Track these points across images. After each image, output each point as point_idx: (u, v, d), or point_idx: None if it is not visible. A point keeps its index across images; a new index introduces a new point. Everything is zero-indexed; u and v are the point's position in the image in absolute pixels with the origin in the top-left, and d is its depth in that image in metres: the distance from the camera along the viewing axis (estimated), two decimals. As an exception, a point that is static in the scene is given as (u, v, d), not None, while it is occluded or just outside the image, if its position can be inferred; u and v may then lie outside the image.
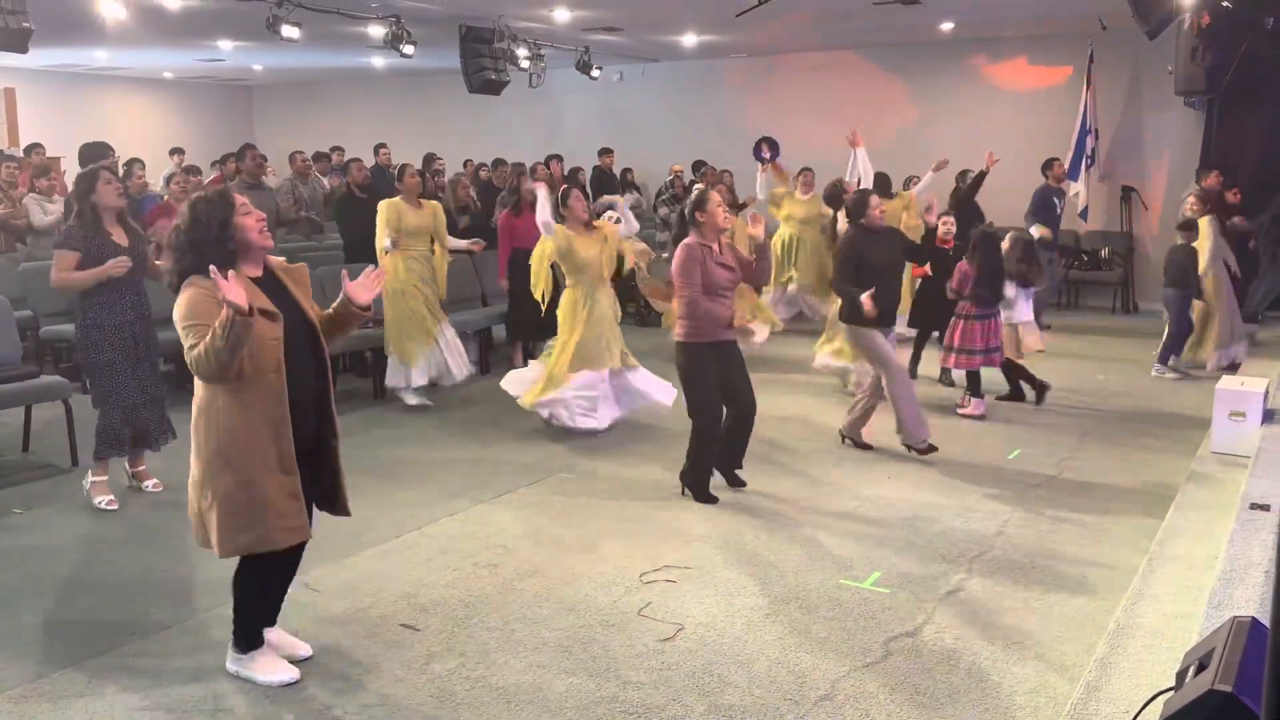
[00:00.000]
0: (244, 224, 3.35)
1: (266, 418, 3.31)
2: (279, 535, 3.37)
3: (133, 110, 17.88)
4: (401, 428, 7.04)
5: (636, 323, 10.82)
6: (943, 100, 13.44)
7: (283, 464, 3.35)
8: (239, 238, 3.34)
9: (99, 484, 5.43)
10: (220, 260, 3.27)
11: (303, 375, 3.42)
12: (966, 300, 7.13)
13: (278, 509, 3.34)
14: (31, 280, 7.83)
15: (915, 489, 5.69)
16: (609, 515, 5.28)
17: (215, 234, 3.29)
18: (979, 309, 7.13)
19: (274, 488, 3.33)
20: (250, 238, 3.37)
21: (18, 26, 7.20)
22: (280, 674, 3.55)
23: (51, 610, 4.21)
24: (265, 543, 3.37)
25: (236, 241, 3.34)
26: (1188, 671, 2.50)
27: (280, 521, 3.35)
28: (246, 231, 3.36)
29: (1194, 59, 9.22)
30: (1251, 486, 4.83)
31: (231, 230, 3.32)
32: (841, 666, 3.69)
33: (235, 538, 3.35)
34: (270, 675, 3.54)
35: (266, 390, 3.31)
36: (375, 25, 10.56)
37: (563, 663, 3.71)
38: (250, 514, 3.32)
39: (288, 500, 3.37)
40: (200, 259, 3.27)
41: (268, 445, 3.32)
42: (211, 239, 3.29)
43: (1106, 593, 4.29)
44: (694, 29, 12.06)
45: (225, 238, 3.31)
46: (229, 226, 3.32)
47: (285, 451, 3.34)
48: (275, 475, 3.33)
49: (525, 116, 15.74)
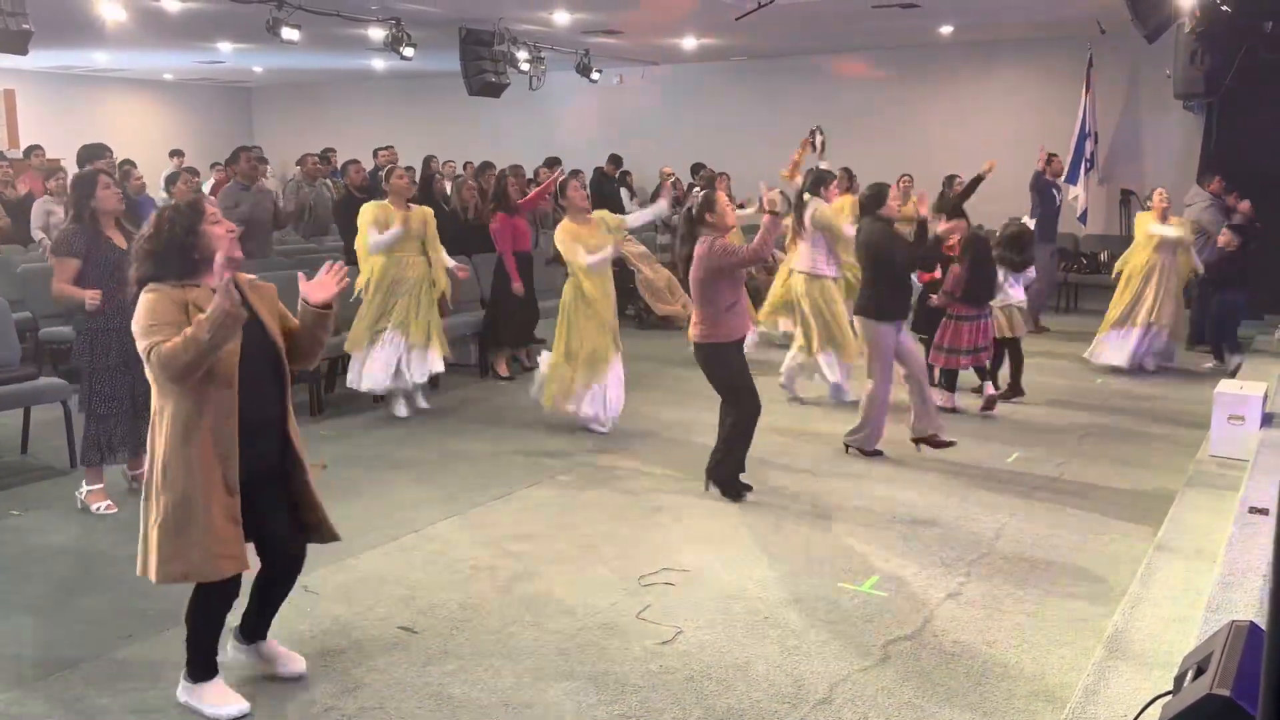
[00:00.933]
0: (212, 233, 3.28)
1: (214, 432, 3.18)
2: (219, 564, 3.20)
3: (132, 112, 17.90)
4: (400, 429, 7.04)
5: (636, 325, 10.82)
6: (941, 103, 13.46)
7: (227, 484, 3.20)
8: (203, 244, 3.26)
9: (95, 492, 5.38)
10: (182, 269, 3.22)
11: (259, 395, 3.30)
12: (959, 301, 7.16)
13: (218, 534, 3.18)
14: (30, 282, 7.83)
15: (914, 492, 5.69)
16: (608, 518, 5.28)
17: (180, 242, 3.22)
18: (969, 310, 7.17)
19: (216, 508, 3.18)
20: (216, 246, 3.28)
21: (18, 28, 7.20)
22: (229, 706, 3.36)
23: (49, 612, 4.20)
24: (200, 573, 3.21)
25: (201, 250, 3.26)
26: (1186, 675, 2.50)
27: (221, 549, 3.19)
28: (213, 240, 3.28)
29: (1193, 62, 9.24)
30: (1250, 490, 4.83)
31: (196, 239, 3.24)
32: (840, 670, 3.68)
33: (172, 563, 3.19)
34: (218, 708, 3.37)
35: (217, 404, 3.19)
36: (375, 27, 10.57)
37: (561, 666, 3.71)
38: (188, 538, 3.17)
39: (227, 523, 3.20)
40: (160, 267, 3.22)
41: (212, 461, 3.18)
42: (175, 247, 3.22)
43: (1105, 596, 4.29)
44: (693, 32, 12.08)
45: (190, 246, 3.23)
46: (194, 234, 3.24)
47: (230, 471, 3.20)
48: (218, 494, 3.18)
49: (525, 119, 15.77)
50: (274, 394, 3.38)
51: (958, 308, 7.19)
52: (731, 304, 5.37)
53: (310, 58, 14.06)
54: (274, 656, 3.63)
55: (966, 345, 7.20)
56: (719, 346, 5.39)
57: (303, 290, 3.40)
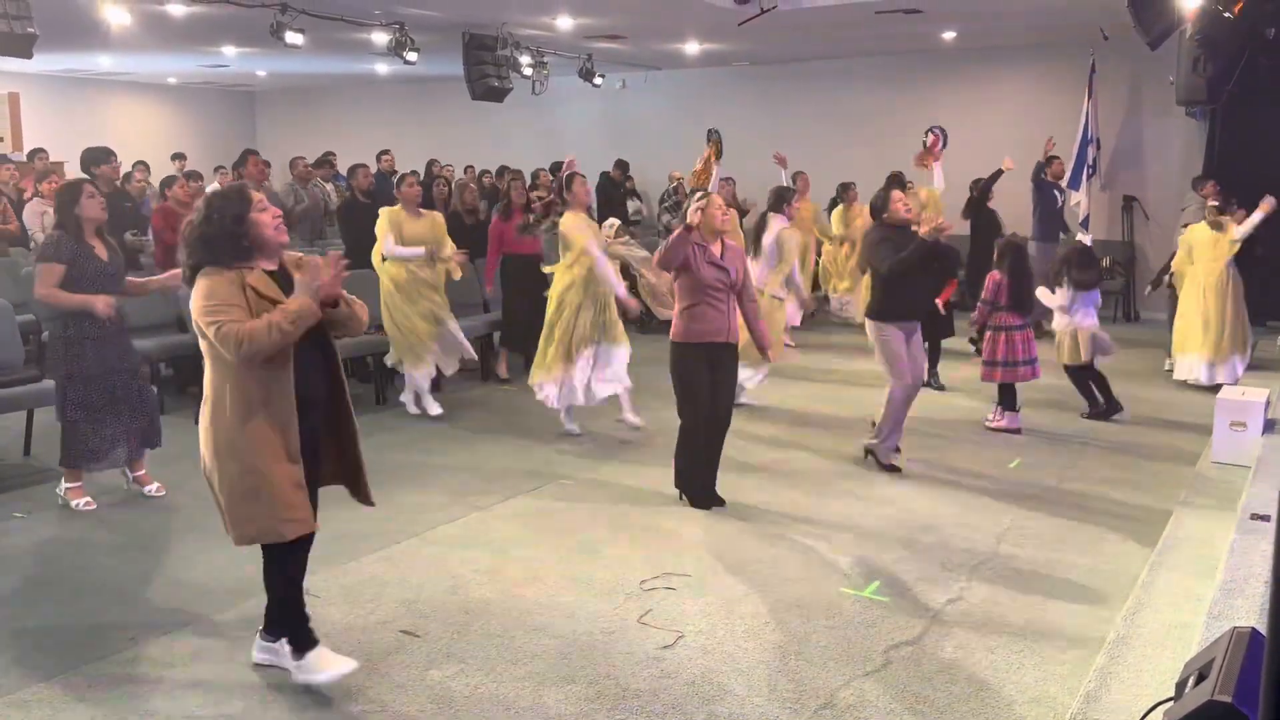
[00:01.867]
0: (260, 220, 3.38)
1: (274, 408, 3.34)
2: (284, 526, 3.39)
3: (136, 115, 17.92)
4: (403, 433, 7.04)
5: (638, 329, 10.82)
6: (944, 109, 13.45)
7: (289, 452, 3.38)
8: (254, 233, 3.37)
9: (73, 489, 5.42)
10: (235, 255, 3.33)
11: (310, 369, 3.46)
12: (1002, 310, 6.94)
13: (283, 498, 3.37)
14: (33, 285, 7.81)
15: (916, 497, 5.69)
16: (609, 522, 5.28)
17: (229, 229, 3.32)
18: (1016, 319, 6.94)
19: (279, 476, 3.36)
20: (265, 233, 3.39)
21: (22, 32, 7.21)
22: (340, 667, 3.54)
23: (52, 614, 4.21)
24: (270, 534, 3.41)
25: (251, 237, 3.36)
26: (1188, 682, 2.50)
27: (285, 512, 3.37)
28: (262, 228, 3.38)
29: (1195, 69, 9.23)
30: (1252, 496, 4.83)
31: (247, 226, 3.35)
32: (841, 675, 3.68)
33: (242, 527, 3.41)
34: (331, 671, 3.52)
35: (274, 380, 3.34)
36: (379, 32, 10.59)
37: (562, 670, 3.71)
38: (256, 504, 3.36)
39: (293, 490, 3.39)
40: (214, 253, 3.33)
41: (273, 434, 3.34)
42: (226, 234, 3.32)
43: (1106, 602, 4.29)
44: (696, 37, 12.09)
45: (240, 233, 3.34)
46: (244, 222, 3.34)
47: (291, 441, 3.38)
48: (281, 464, 3.36)
49: (528, 124, 15.77)
50: (326, 372, 3.56)
51: (1003, 317, 6.93)
52: (688, 305, 5.32)
53: (314, 62, 14.08)
54: None
55: (1023, 356, 6.92)
56: (675, 345, 5.39)
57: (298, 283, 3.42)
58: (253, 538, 3.43)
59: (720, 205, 5.40)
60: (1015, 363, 6.94)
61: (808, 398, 8.03)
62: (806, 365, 9.38)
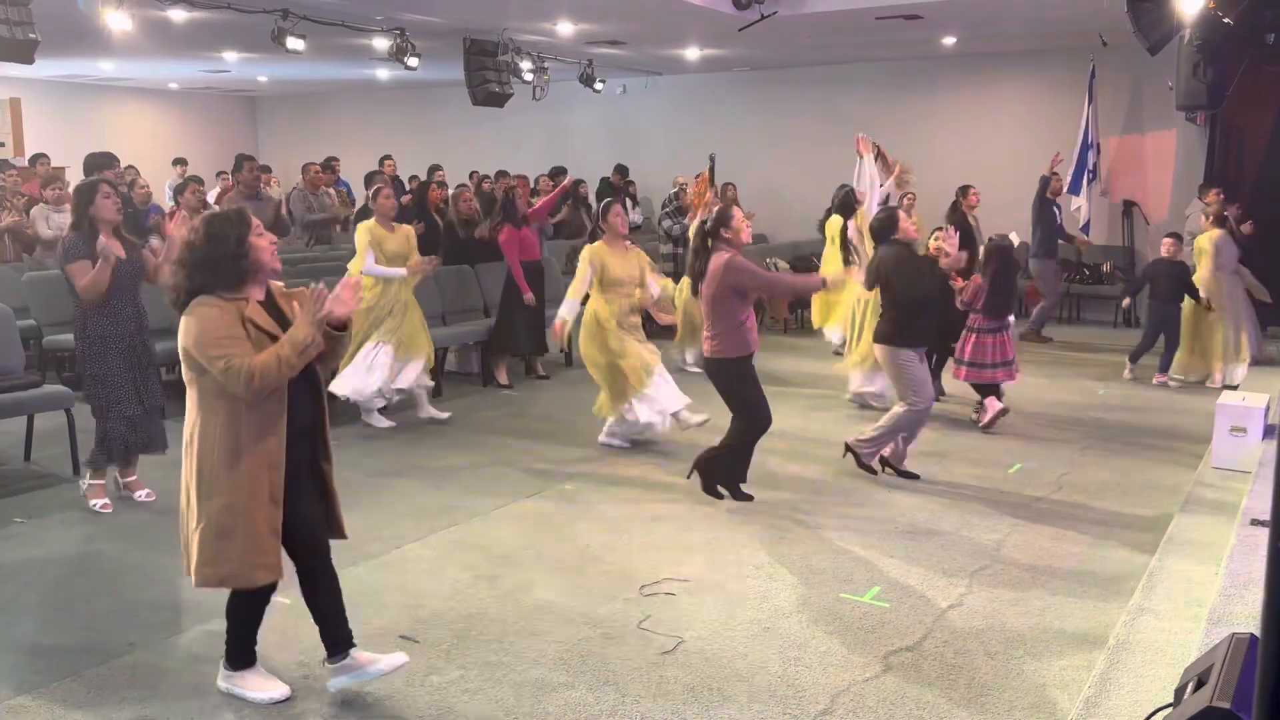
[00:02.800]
0: (259, 244, 3.33)
1: (262, 444, 3.27)
2: (255, 573, 3.32)
3: (137, 120, 17.95)
4: (402, 438, 7.04)
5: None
6: (944, 115, 13.48)
7: (272, 494, 3.30)
8: (253, 257, 3.31)
9: (95, 487, 5.50)
10: (234, 279, 3.27)
11: (299, 401, 3.39)
12: (978, 313, 7.07)
13: (260, 544, 3.29)
14: (35, 290, 7.84)
15: (916, 502, 5.68)
16: (609, 527, 5.28)
17: (231, 251, 3.27)
18: (990, 322, 7.09)
19: (259, 518, 3.28)
20: (264, 258, 3.34)
21: (24, 38, 7.22)
22: (270, 691, 3.50)
23: (52, 620, 4.21)
24: (239, 579, 3.33)
25: (251, 261, 3.31)
26: (1186, 688, 2.50)
27: (260, 558, 3.30)
28: (260, 252, 3.33)
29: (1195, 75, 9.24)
30: (1252, 502, 4.83)
31: (247, 249, 3.30)
32: (841, 680, 3.68)
33: (211, 567, 3.31)
34: (260, 692, 3.50)
35: (265, 417, 3.27)
36: (380, 38, 10.61)
37: (562, 675, 3.71)
38: (232, 544, 3.27)
39: (269, 535, 3.31)
40: (214, 276, 3.26)
41: (260, 472, 3.27)
42: (228, 256, 3.26)
43: (1106, 608, 4.28)
44: (697, 43, 12.11)
45: (241, 255, 3.28)
46: (244, 244, 3.29)
47: (275, 482, 3.30)
48: (263, 506, 3.28)
49: (528, 129, 15.80)
50: (312, 400, 3.49)
51: (978, 320, 7.09)
52: (743, 320, 5.38)
53: (315, 67, 14.10)
54: (366, 662, 3.54)
55: (991, 360, 7.08)
56: (730, 361, 5.40)
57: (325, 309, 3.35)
58: (221, 580, 3.33)
59: (743, 219, 5.46)
60: (983, 364, 7.13)
61: (808, 403, 8.03)
62: (807, 369, 9.38)
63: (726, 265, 5.29)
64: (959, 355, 7.26)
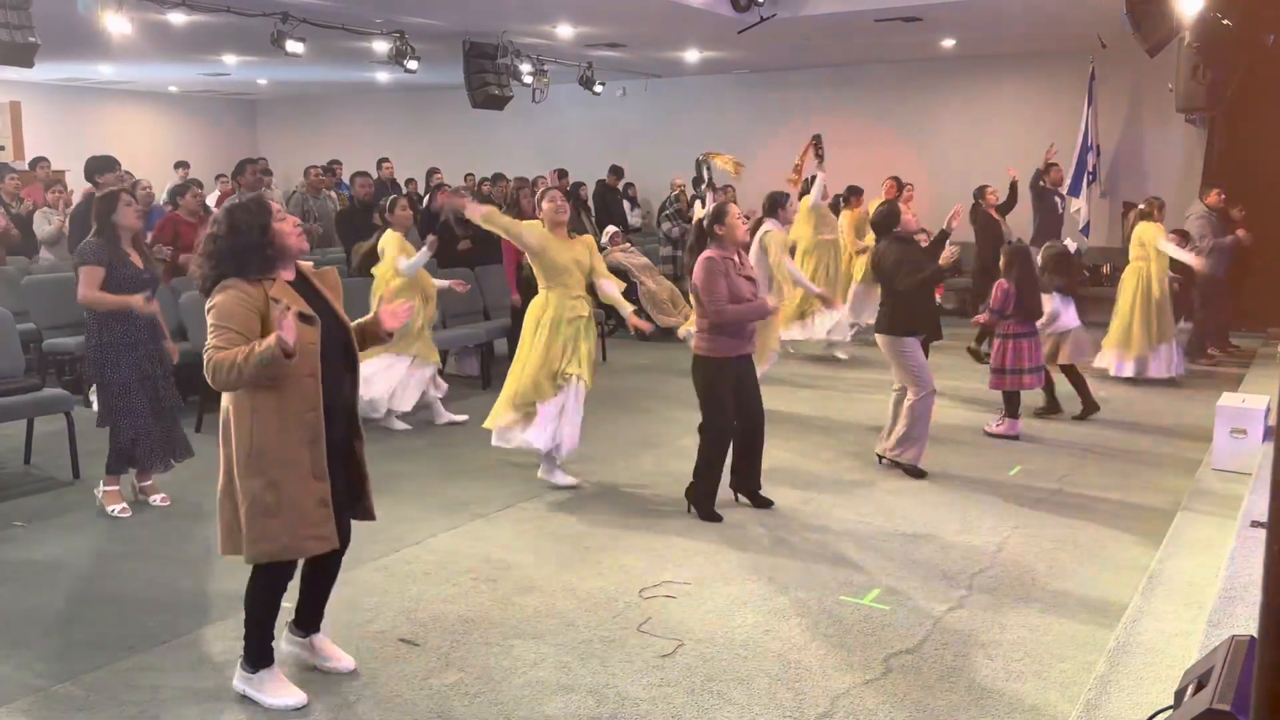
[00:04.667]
0: (282, 229, 3.36)
1: (301, 422, 3.30)
2: (306, 544, 3.36)
3: (137, 124, 17.97)
4: (401, 441, 7.04)
5: (638, 336, 10.81)
6: (944, 117, 13.49)
7: (315, 470, 3.34)
8: (278, 243, 3.34)
9: (111, 493, 5.50)
10: (260, 266, 3.31)
11: (335, 379, 3.42)
12: (1010, 319, 6.97)
13: (308, 517, 3.33)
14: (34, 293, 7.84)
15: (915, 505, 5.68)
16: (608, 530, 5.28)
17: (256, 240, 3.30)
18: (1024, 327, 6.99)
19: (305, 494, 3.32)
20: (288, 242, 3.37)
21: (24, 41, 7.24)
22: (287, 698, 3.49)
23: (52, 624, 4.21)
24: (291, 551, 3.36)
25: (276, 247, 3.34)
26: (1186, 690, 2.49)
27: (309, 530, 3.34)
28: (285, 236, 3.36)
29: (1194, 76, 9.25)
30: (1252, 504, 4.82)
31: (271, 236, 3.32)
32: (841, 683, 3.68)
33: (261, 544, 3.33)
34: (277, 698, 3.49)
35: (302, 395, 3.30)
36: (380, 41, 10.62)
37: (561, 678, 3.71)
38: (278, 520, 3.31)
39: (317, 507, 3.35)
40: (241, 266, 3.29)
41: (300, 451, 3.31)
42: (253, 245, 3.29)
43: (1106, 610, 4.28)
44: (696, 45, 12.12)
45: (265, 244, 3.31)
46: (268, 232, 3.32)
47: (318, 458, 3.34)
48: (307, 481, 3.32)
49: (528, 131, 15.81)
50: (348, 377, 3.52)
51: (1011, 326, 6.98)
52: (735, 320, 5.32)
53: (315, 70, 14.12)
54: (325, 652, 3.73)
55: (1029, 364, 6.98)
56: (708, 361, 5.37)
57: (381, 313, 3.64)
58: (272, 555, 3.35)
59: (739, 215, 5.42)
60: (1021, 370, 7.00)
61: (809, 406, 8.03)
62: (808, 372, 9.38)
63: (701, 261, 5.30)
64: (997, 364, 7.04)
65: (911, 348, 6.04)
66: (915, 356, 6.04)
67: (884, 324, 6.12)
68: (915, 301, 6.03)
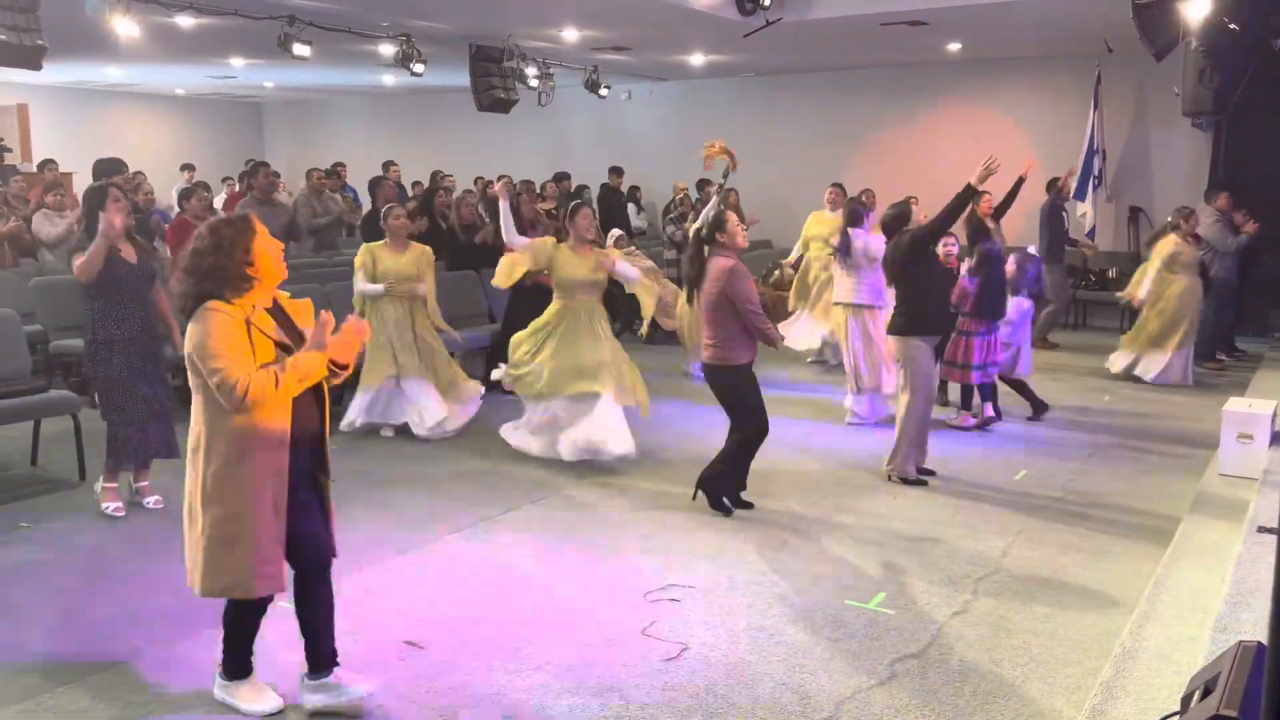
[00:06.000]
0: (266, 251, 3.32)
1: (268, 456, 3.26)
2: (255, 582, 3.30)
3: (144, 126, 18.03)
4: (406, 445, 7.04)
5: (644, 340, 10.81)
6: (949, 121, 13.48)
7: (275, 504, 3.29)
8: (260, 264, 3.29)
9: (110, 490, 5.52)
10: (239, 286, 3.26)
11: (304, 412, 3.37)
12: (966, 316, 7.14)
13: (261, 552, 3.27)
14: (41, 295, 7.86)
15: (920, 510, 5.67)
16: (613, 534, 5.27)
17: (240, 259, 3.25)
18: (978, 325, 7.16)
19: (262, 529, 3.27)
20: (271, 265, 3.32)
21: (32, 44, 7.26)
22: (261, 704, 3.48)
23: (55, 626, 4.21)
24: (241, 588, 3.32)
25: (258, 268, 3.29)
26: (1193, 696, 2.49)
27: (261, 567, 3.28)
28: (268, 259, 3.32)
29: (1201, 80, 9.23)
30: (1259, 509, 4.81)
31: (254, 256, 3.28)
32: (846, 688, 3.67)
33: (214, 578, 3.30)
34: (251, 704, 3.48)
35: (271, 428, 3.26)
36: (386, 44, 10.64)
37: (566, 682, 3.71)
38: (231, 553, 3.26)
39: (270, 544, 3.29)
40: (220, 284, 3.25)
41: (264, 484, 3.26)
42: (236, 264, 3.24)
43: (1112, 615, 4.27)
44: (702, 49, 12.13)
45: (246, 263, 3.26)
46: (250, 252, 3.27)
47: (279, 494, 3.29)
48: (265, 515, 3.27)
49: (534, 135, 15.84)
50: (316, 409, 3.46)
51: (966, 323, 7.17)
52: (743, 326, 5.34)
53: (321, 73, 14.16)
54: (349, 681, 3.53)
55: (977, 361, 7.17)
56: (729, 369, 5.38)
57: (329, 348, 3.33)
58: (223, 589, 3.32)
59: (739, 223, 5.42)
60: (968, 366, 7.22)
61: (810, 409, 8.02)
62: (803, 375, 9.38)
63: (732, 270, 5.27)
64: (948, 357, 7.24)
65: (921, 353, 5.97)
66: (923, 363, 5.99)
67: (896, 325, 6.08)
68: (929, 301, 6.00)
